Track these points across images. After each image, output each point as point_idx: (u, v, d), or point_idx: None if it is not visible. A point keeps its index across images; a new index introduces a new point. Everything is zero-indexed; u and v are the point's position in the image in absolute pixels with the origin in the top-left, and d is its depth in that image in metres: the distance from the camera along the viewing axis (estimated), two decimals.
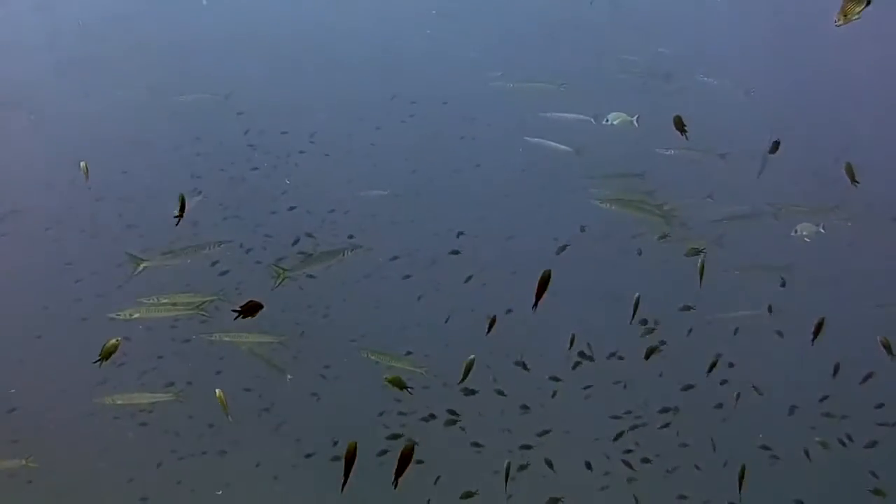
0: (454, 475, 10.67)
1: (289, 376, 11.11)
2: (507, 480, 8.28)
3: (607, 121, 10.28)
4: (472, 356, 7.60)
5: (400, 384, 6.31)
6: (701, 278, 8.09)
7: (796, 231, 10.46)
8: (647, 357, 8.65)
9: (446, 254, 12.63)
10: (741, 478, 7.62)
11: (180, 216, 6.13)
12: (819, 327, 7.90)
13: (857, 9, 3.69)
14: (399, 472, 4.40)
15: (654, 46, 14.92)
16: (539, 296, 5.40)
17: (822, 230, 10.61)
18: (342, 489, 4.33)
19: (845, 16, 3.74)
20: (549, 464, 10.18)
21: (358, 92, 16.68)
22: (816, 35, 15.57)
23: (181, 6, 17.35)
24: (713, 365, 9.02)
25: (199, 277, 10.42)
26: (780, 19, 16.14)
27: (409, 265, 13.58)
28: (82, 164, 8.05)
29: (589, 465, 10.45)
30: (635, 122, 10.28)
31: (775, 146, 6.48)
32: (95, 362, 6.10)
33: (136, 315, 7.52)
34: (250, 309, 5.42)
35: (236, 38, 16.83)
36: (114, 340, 6.21)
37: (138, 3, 16.87)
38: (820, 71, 15.79)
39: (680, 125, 6.55)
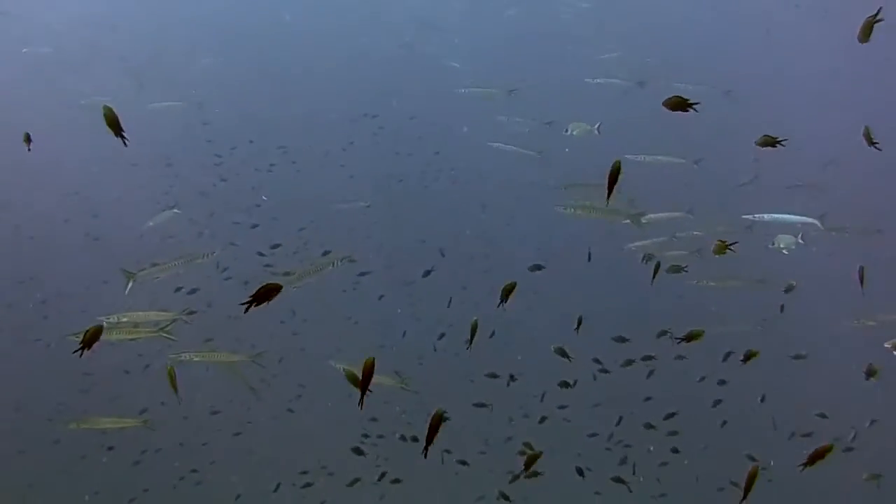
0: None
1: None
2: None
3: (567, 131, 10.08)
4: (476, 318, 7.28)
5: (354, 380, 5.78)
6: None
7: (774, 243, 10.32)
8: (687, 340, 8.30)
9: (425, 270, 12.40)
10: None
11: (120, 134, 5.15)
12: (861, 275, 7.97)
13: (872, 26, 4.03)
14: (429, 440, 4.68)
15: (636, 55, 14.87)
16: (610, 189, 5.29)
17: (802, 241, 10.50)
18: (360, 406, 4.58)
19: (865, 33, 4.12)
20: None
21: (329, 105, 16.39)
22: (802, 42, 15.68)
23: (152, 14, 17.00)
24: (749, 356, 8.63)
25: (167, 295, 10.13)
26: (763, 27, 16.19)
27: (386, 282, 13.34)
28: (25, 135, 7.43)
29: (580, 472, 10.19)
30: (596, 131, 10.11)
31: (767, 139, 6.12)
32: (76, 352, 5.44)
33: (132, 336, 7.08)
34: (265, 293, 4.85)
35: (206, 47, 16.54)
36: (96, 326, 5.58)
37: (105, 8, 16.50)
38: (804, 79, 15.80)
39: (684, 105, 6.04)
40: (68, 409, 10.73)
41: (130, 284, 7.60)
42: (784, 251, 10.31)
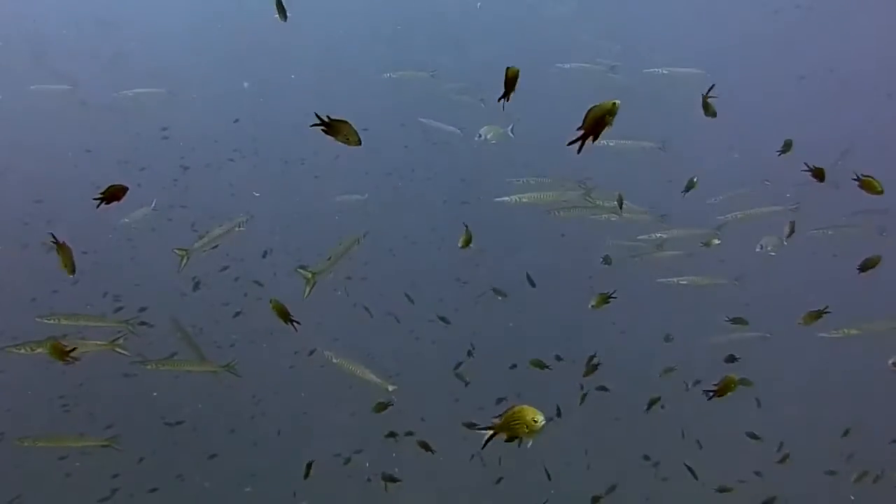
0: None
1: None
2: None
3: (480, 136, 9.44)
4: None
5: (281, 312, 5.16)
6: None
7: (762, 246, 10.10)
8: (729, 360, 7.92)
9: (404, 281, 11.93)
10: None
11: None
12: None
13: None
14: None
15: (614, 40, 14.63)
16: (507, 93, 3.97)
17: (787, 242, 10.29)
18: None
19: None
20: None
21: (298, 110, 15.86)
22: (801, 35, 15.61)
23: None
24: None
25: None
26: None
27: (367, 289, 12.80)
28: None
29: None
30: (510, 134, 9.60)
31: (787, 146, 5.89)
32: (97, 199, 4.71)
33: (38, 349, 6.08)
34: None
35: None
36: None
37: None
38: (808, 72, 15.74)
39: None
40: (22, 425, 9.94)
41: (185, 261, 6.95)
42: (771, 252, 10.10)
